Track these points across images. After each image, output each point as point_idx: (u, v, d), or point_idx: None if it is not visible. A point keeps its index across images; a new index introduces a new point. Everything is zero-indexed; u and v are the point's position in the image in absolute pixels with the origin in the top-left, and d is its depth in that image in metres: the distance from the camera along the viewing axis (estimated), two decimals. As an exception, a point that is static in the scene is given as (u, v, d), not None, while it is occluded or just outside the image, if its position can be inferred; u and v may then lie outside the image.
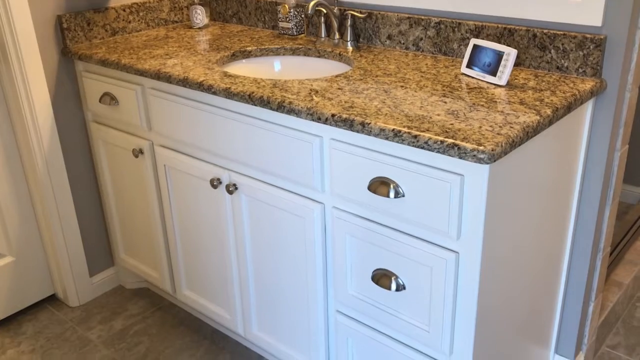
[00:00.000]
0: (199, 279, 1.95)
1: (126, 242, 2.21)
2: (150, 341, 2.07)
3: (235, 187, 1.65)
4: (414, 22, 1.76)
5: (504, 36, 1.59)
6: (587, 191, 1.60)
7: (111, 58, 1.84)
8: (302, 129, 1.44)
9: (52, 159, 2.04)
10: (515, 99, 1.37)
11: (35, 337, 2.11)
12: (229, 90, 1.52)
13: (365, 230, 1.39)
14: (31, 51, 1.91)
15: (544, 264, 1.56)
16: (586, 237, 1.64)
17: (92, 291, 2.29)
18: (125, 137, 1.96)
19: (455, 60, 1.69)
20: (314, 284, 1.57)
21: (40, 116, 1.98)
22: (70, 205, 2.14)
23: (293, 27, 2.01)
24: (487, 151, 1.12)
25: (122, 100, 1.89)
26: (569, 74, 1.51)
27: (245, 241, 1.71)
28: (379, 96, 1.42)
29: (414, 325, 1.39)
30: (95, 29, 2.05)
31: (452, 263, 1.27)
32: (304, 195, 1.51)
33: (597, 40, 1.44)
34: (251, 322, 1.82)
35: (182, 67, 1.70)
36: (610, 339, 2.03)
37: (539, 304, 1.62)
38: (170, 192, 1.89)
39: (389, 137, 1.24)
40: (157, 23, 2.23)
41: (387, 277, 1.39)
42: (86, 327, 2.15)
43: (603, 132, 1.52)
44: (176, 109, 1.72)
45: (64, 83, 2.03)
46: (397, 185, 1.29)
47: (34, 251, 2.19)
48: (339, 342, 1.59)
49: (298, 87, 1.51)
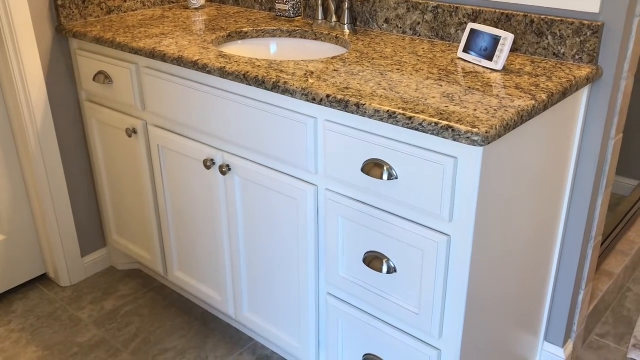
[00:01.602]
0: (191, 260, 1.94)
1: (118, 223, 2.21)
2: (141, 322, 2.07)
3: (229, 168, 1.64)
4: (411, 6, 1.75)
5: (502, 21, 1.59)
6: (580, 179, 1.60)
7: (106, 36, 1.82)
8: (296, 109, 1.44)
9: (45, 137, 2.03)
10: (511, 84, 1.37)
11: (25, 316, 2.11)
12: (224, 70, 1.51)
13: (358, 212, 1.39)
14: (25, 28, 1.89)
15: (535, 251, 1.57)
16: (578, 225, 1.65)
17: (83, 271, 2.29)
18: (118, 117, 1.94)
19: (452, 45, 1.69)
20: (305, 266, 1.57)
21: (33, 94, 1.96)
22: (62, 184, 2.13)
23: (290, 9, 2.00)
24: (481, 133, 1.12)
25: (117, 79, 1.87)
26: (566, 61, 1.51)
27: (237, 222, 1.70)
28: (374, 78, 1.41)
29: (404, 308, 1.39)
30: (91, 7, 2.03)
31: (444, 246, 1.27)
32: (297, 177, 1.51)
33: (594, 27, 1.44)
34: (242, 304, 1.82)
35: (177, 46, 1.69)
36: (600, 327, 2.04)
37: (530, 291, 1.62)
38: (163, 173, 1.88)
39: (383, 119, 1.24)
40: (153, 3, 2.21)
41: (378, 259, 1.39)
42: (77, 306, 2.15)
43: (598, 120, 1.52)
44: (171, 88, 1.71)
45: (58, 61, 2.02)
46: (391, 168, 1.28)
47: (26, 230, 2.18)
48: (329, 325, 1.59)
49: (294, 67, 1.50)
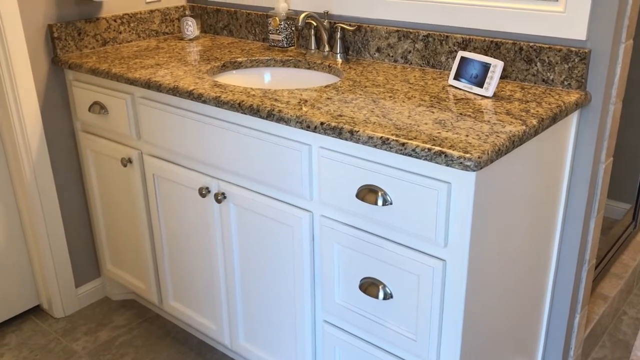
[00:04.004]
0: (186, 289, 1.94)
1: (113, 252, 2.20)
2: (136, 352, 2.05)
3: (224, 196, 1.65)
4: (402, 35, 1.78)
5: (491, 49, 1.62)
6: (572, 202, 1.62)
7: (101, 67, 1.85)
8: (291, 137, 1.45)
9: (39, 167, 2.04)
10: (502, 110, 1.39)
11: (19, 348, 2.08)
12: (219, 99, 1.53)
13: (353, 238, 1.40)
14: (21, 60, 1.92)
15: (530, 274, 1.57)
16: (571, 248, 1.66)
17: (77, 302, 2.27)
18: (114, 147, 1.96)
19: (443, 72, 1.72)
20: (301, 294, 1.57)
21: (28, 124, 1.98)
22: (57, 215, 2.13)
23: (283, 39, 2.03)
24: (474, 159, 1.13)
25: (112, 109, 1.89)
26: (555, 87, 1.54)
27: (233, 250, 1.70)
28: (367, 106, 1.43)
29: (401, 334, 1.39)
30: (86, 39, 2.06)
31: (439, 271, 1.27)
32: (292, 203, 1.52)
33: (581, 54, 1.47)
34: (238, 333, 1.81)
35: (172, 77, 1.71)
36: (597, 352, 2.04)
37: (526, 314, 1.63)
38: (158, 202, 1.88)
39: (377, 145, 1.25)
40: (148, 34, 2.24)
41: (374, 285, 1.39)
42: (71, 338, 2.13)
43: (588, 144, 1.55)
44: (166, 118, 1.73)
45: (54, 92, 2.03)
46: (385, 193, 1.30)
47: (19, 261, 2.17)
48: (326, 352, 1.58)
49: (287, 96, 1.52)
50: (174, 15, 2.30)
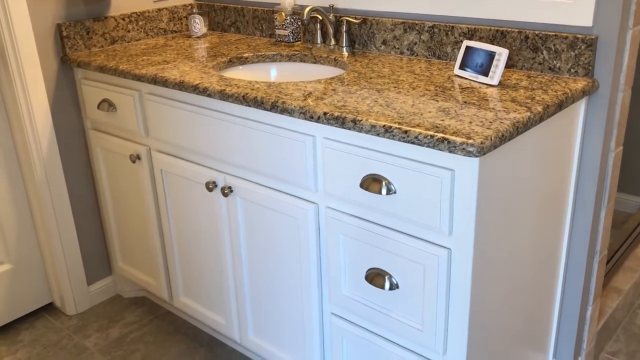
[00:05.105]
0: (195, 285, 1.94)
1: (124, 249, 2.22)
2: (147, 349, 2.06)
3: (231, 189, 1.65)
4: (408, 27, 1.78)
5: (497, 38, 1.61)
6: (582, 192, 1.60)
7: (109, 64, 1.86)
8: (295, 128, 1.45)
9: (50, 166, 2.06)
10: (507, 97, 1.38)
11: (32, 345, 2.10)
12: (224, 92, 1.53)
13: (359, 229, 1.39)
14: (31, 59, 1.94)
15: (539, 264, 1.56)
16: (582, 238, 1.63)
17: (89, 300, 2.29)
18: (122, 143, 1.97)
19: (449, 63, 1.71)
20: (308, 286, 1.57)
21: (39, 123, 2.00)
22: (68, 213, 2.14)
23: (290, 34, 2.03)
24: (476, 144, 1.12)
25: (120, 106, 1.91)
26: (561, 75, 1.52)
27: (240, 243, 1.71)
28: (371, 96, 1.43)
29: (407, 325, 1.38)
30: (95, 38, 2.08)
31: (445, 260, 1.26)
32: (297, 195, 1.52)
33: (588, 41, 1.45)
34: (247, 327, 1.81)
35: (178, 72, 1.72)
36: (611, 345, 2.01)
37: (536, 305, 1.61)
38: (166, 197, 1.89)
39: (380, 134, 1.25)
40: (156, 32, 2.25)
41: (380, 276, 1.38)
42: (83, 335, 2.15)
43: (596, 133, 1.52)
44: (173, 113, 1.74)
45: (63, 90, 2.06)
46: (389, 182, 1.29)
47: (32, 259, 2.20)
48: (333, 344, 1.58)
49: (292, 89, 1.52)
50: (181, 13, 2.32)
